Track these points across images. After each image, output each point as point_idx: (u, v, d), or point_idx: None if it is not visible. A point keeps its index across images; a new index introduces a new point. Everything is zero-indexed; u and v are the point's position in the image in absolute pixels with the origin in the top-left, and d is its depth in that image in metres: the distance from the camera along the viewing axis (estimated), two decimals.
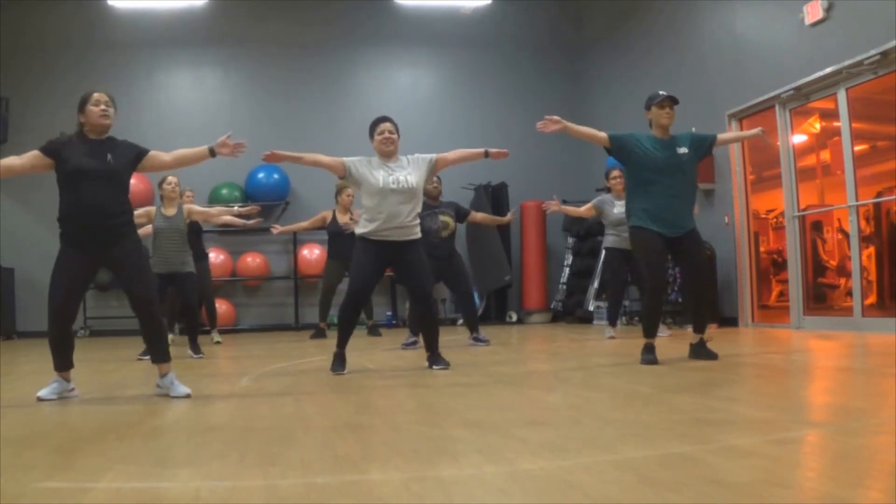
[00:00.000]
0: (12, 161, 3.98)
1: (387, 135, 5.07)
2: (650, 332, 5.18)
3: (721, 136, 5.36)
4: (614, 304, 7.82)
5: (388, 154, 5.08)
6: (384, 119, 5.17)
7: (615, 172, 7.60)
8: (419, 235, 5.17)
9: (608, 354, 6.10)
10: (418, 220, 5.15)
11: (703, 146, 5.24)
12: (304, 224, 9.21)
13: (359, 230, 5.11)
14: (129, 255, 4.02)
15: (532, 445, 2.59)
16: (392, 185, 4.97)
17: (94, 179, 3.90)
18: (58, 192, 3.95)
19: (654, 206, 5.02)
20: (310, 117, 12.28)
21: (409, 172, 5.06)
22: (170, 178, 6.88)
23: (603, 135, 5.13)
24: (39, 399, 3.88)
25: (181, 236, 6.89)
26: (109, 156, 3.97)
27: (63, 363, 4.00)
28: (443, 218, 7.08)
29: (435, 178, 7.11)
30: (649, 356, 5.05)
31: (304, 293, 11.84)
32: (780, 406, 3.41)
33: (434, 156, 5.24)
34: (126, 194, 4.11)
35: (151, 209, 6.92)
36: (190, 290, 6.98)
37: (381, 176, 4.99)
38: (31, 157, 3.96)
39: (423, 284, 5.19)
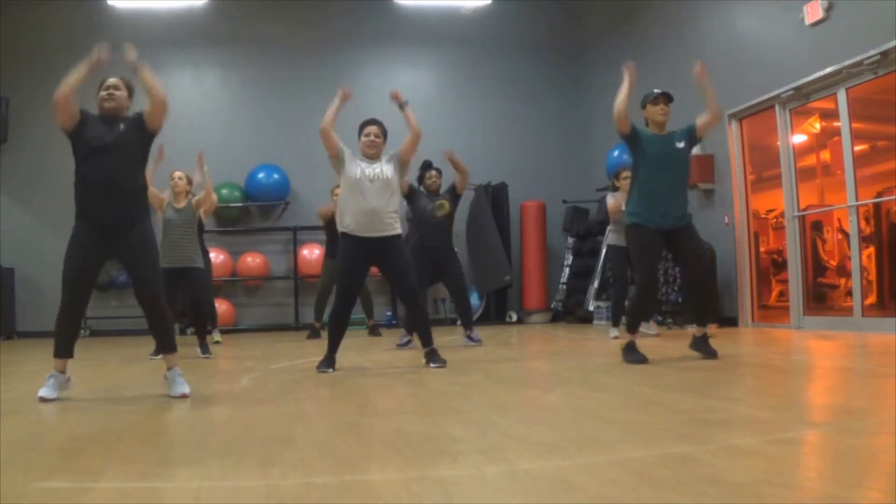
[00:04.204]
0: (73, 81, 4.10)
1: (372, 138, 5.29)
2: (633, 328, 5.21)
3: (699, 122, 5.29)
4: (617, 304, 7.78)
5: (370, 156, 5.28)
6: (371, 122, 5.36)
7: (625, 173, 7.38)
8: (399, 231, 5.28)
9: (608, 354, 6.09)
10: (397, 216, 5.29)
11: (693, 136, 5.28)
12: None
13: (340, 227, 5.24)
14: (141, 243, 4.03)
15: (532, 445, 2.59)
16: (369, 176, 5.17)
17: (105, 153, 3.95)
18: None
19: (653, 199, 5.07)
20: (310, 117, 12.13)
21: (383, 165, 5.26)
22: (177, 174, 6.83)
23: (628, 121, 5.12)
24: (42, 399, 3.86)
25: (192, 228, 6.83)
26: (122, 125, 4.05)
27: (65, 350, 4.00)
28: (438, 200, 7.15)
29: (434, 172, 7.30)
30: (636, 356, 5.07)
31: (304, 293, 11.83)
32: (780, 406, 3.41)
33: (398, 150, 5.36)
34: (140, 168, 4.13)
35: (165, 197, 6.79)
36: (200, 285, 6.94)
37: (358, 168, 5.20)
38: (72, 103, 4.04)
39: (408, 280, 5.28)
